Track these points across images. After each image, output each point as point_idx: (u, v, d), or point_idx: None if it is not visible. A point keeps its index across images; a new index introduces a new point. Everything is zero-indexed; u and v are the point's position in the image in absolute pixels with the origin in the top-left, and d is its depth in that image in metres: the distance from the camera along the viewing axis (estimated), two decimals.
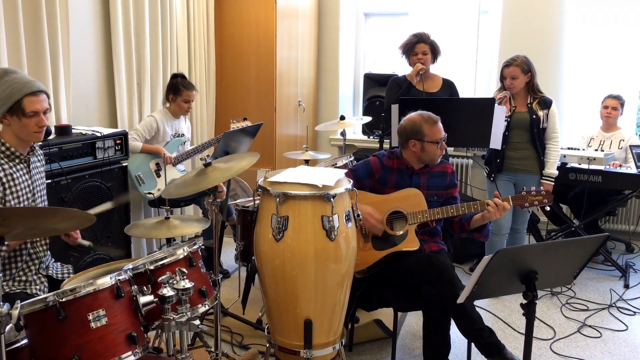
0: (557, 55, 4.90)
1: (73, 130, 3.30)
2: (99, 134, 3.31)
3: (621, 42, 4.80)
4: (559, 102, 4.71)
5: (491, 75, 5.21)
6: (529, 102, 3.74)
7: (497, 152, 3.74)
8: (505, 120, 3.65)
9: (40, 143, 2.78)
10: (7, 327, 1.56)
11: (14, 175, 2.21)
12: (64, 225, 1.72)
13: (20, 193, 2.23)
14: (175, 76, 3.88)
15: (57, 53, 3.36)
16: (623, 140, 4.43)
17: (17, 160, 2.25)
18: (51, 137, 3.05)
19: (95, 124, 3.81)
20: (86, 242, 2.43)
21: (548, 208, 2.68)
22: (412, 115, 2.78)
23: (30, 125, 2.19)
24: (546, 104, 3.73)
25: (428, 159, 2.74)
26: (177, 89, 3.82)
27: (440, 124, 2.74)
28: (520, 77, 3.66)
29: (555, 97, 3.94)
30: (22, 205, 2.22)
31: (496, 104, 3.45)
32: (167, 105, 3.93)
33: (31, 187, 2.29)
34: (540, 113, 3.70)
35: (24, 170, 2.28)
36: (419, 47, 3.70)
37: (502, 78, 3.74)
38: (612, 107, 4.44)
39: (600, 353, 3.06)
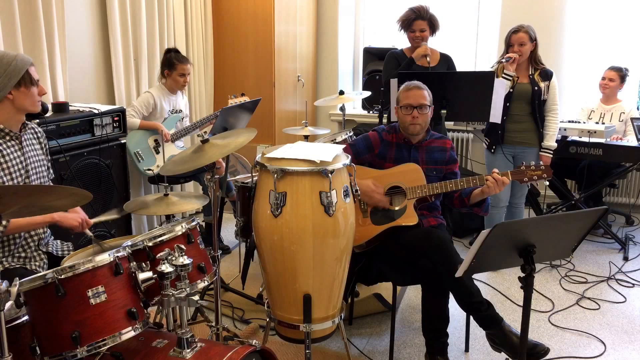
0: (559, 27, 4.84)
1: (70, 108, 3.28)
2: (96, 111, 3.29)
3: (624, 14, 4.74)
4: (560, 74, 4.67)
5: (492, 48, 5.15)
6: (530, 73, 3.71)
7: (498, 124, 3.73)
8: (510, 85, 3.62)
9: (37, 121, 2.78)
10: (7, 305, 1.56)
11: (4, 152, 2.20)
12: (60, 202, 1.72)
13: (12, 170, 2.22)
14: (168, 51, 3.85)
15: (52, 29, 3.32)
16: (624, 112, 4.40)
17: (7, 138, 2.24)
18: (48, 114, 3.03)
19: (93, 100, 3.79)
20: (89, 233, 2.43)
21: (547, 183, 2.67)
22: None
23: (35, 95, 2.25)
24: (547, 75, 3.70)
25: (401, 125, 2.76)
26: (172, 63, 3.79)
27: (415, 92, 2.72)
28: (527, 44, 3.64)
29: (557, 69, 3.91)
30: (15, 182, 2.22)
31: (496, 78, 3.42)
32: (163, 81, 3.90)
33: (24, 164, 2.29)
34: (542, 85, 3.68)
35: (16, 147, 2.27)
36: (417, 24, 3.63)
37: (509, 45, 3.69)
38: (609, 78, 4.40)
39: (598, 325, 3.09)
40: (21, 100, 2.21)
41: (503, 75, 3.63)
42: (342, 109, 4.11)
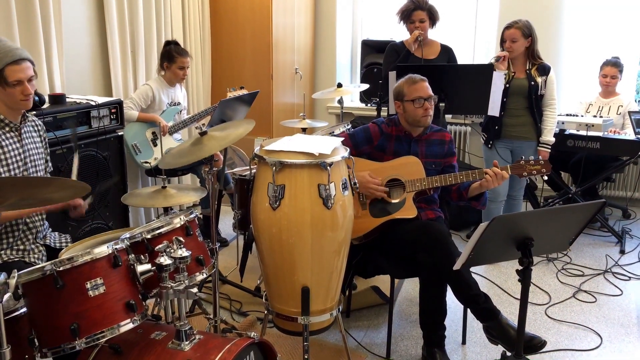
0: (556, 20, 4.83)
1: (67, 99, 3.26)
2: (93, 103, 3.28)
3: (622, 7, 4.73)
4: (558, 67, 4.66)
5: (490, 41, 5.14)
6: (527, 68, 3.71)
7: (495, 119, 3.73)
8: (505, 85, 3.62)
9: (35, 112, 2.76)
10: (5, 296, 1.56)
11: (3, 144, 2.20)
12: (58, 195, 1.71)
13: (10, 161, 2.21)
14: (168, 43, 3.82)
15: (49, 20, 3.30)
16: (622, 106, 4.40)
17: (7, 129, 2.23)
18: (45, 106, 3.02)
19: (90, 92, 3.77)
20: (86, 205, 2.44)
21: (546, 178, 2.67)
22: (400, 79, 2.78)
23: (16, 94, 2.16)
24: (545, 70, 3.69)
25: (411, 119, 2.72)
26: (171, 56, 3.77)
27: (422, 84, 2.71)
28: (520, 40, 3.62)
29: (555, 63, 3.91)
30: (12, 174, 2.21)
31: (495, 71, 3.41)
32: (162, 73, 3.88)
33: (22, 156, 2.28)
34: (539, 79, 3.68)
35: (15, 139, 2.26)
36: (416, 15, 3.63)
37: (502, 41, 3.70)
38: (611, 75, 4.38)
39: (594, 317, 3.10)
40: (1, 97, 2.17)
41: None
42: (340, 101, 4.10)
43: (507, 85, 3.66)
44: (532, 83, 3.66)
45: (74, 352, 1.69)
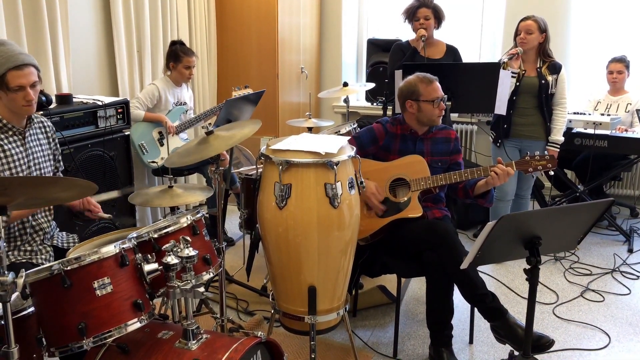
0: (564, 17, 4.81)
1: (74, 99, 3.27)
2: (100, 103, 3.29)
3: (630, 4, 4.70)
4: (566, 65, 4.63)
5: (497, 40, 5.12)
6: (538, 66, 3.68)
7: (504, 118, 3.71)
8: (515, 81, 3.60)
9: (42, 112, 2.77)
10: (13, 296, 1.57)
11: (5, 147, 2.19)
12: (66, 194, 1.72)
13: (12, 165, 2.21)
14: (174, 43, 3.83)
15: (56, 21, 3.31)
16: (630, 104, 4.37)
17: (9, 133, 2.23)
18: (52, 106, 3.03)
19: (96, 92, 3.79)
20: (107, 215, 2.44)
21: (552, 173, 2.66)
22: (409, 77, 2.77)
23: (18, 100, 2.14)
24: (555, 68, 3.67)
25: (426, 119, 2.71)
26: (177, 55, 3.78)
27: (437, 84, 2.71)
28: (535, 32, 3.60)
29: (563, 60, 3.88)
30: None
31: (501, 69, 3.39)
32: (168, 73, 3.89)
33: (26, 160, 2.27)
34: (550, 78, 3.65)
35: (18, 143, 2.25)
36: (421, 12, 3.63)
37: (517, 34, 3.67)
38: (617, 71, 4.37)
39: (602, 317, 3.08)
40: (4, 101, 2.16)
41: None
42: (346, 100, 4.10)
43: (518, 84, 3.64)
44: (543, 82, 3.64)
45: (82, 351, 1.69)
